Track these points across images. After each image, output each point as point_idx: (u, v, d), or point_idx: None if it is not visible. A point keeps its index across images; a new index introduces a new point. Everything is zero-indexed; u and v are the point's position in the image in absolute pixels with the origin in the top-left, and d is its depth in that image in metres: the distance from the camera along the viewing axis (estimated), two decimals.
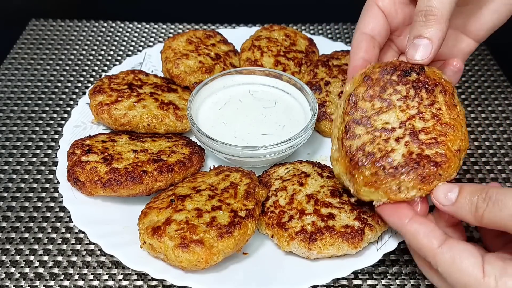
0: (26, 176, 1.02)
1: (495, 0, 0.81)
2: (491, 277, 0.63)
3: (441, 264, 0.66)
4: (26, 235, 0.91)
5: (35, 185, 1.01)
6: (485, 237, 0.77)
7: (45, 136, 1.12)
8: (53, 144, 1.10)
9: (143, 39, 1.46)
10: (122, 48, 1.42)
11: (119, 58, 1.38)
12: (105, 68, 1.34)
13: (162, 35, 1.48)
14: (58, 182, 0.92)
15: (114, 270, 0.85)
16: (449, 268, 0.66)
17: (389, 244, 0.83)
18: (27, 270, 0.85)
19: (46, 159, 1.06)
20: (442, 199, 0.70)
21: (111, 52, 1.40)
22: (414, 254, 0.76)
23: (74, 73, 1.32)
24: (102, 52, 1.40)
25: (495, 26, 0.84)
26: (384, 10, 0.86)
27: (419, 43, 0.75)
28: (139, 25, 1.51)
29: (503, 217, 0.63)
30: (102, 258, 0.87)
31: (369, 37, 0.85)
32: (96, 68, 1.34)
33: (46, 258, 0.87)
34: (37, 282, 0.83)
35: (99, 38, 1.45)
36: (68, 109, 1.20)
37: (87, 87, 1.27)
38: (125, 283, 0.83)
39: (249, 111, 1.04)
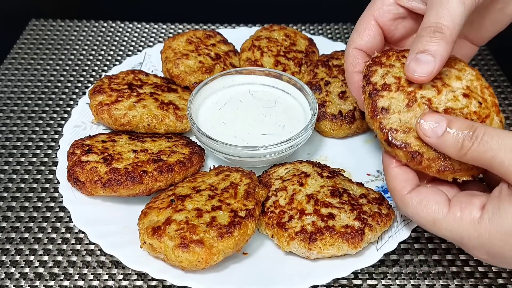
0: (26, 176, 1.02)
1: (497, 11, 0.82)
2: (456, 208, 0.67)
3: (409, 207, 0.71)
4: (26, 235, 0.91)
5: (35, 185, 1.01)
6: None
7: (45, 136, 1.12)
8: (53, 144, 1.10)
9: (143, 39, 1.46)
10: (122, 48, 1.42)
11: (119, 58, 1.38)
12: (105, 68, 1.34)
13: (162, 35, 1.48)
14: (58, 182, 0.92)
15: (114, 270, 0.85)
16: (417, 209, 0.70)
17: (389, 244, 0.83)
18: (27, 270, 0.85)
19: (46, 159, 1.06)
20: (428, 131, 0.69)
21: (111, 52, 1.40)
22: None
23: (74, 73, 1.32)
24: (102, 52, 1.40)
25: (495, 33, 0.86)
26: (380, 24, 0.85)
27: (422, 58, 0.72)
28: (139, 25, 1.51)
29: (486, 158, 0.65)
30: (102, 258, 0.87)
31: (363, 54, 0.85)
32: (96, 68, 1.34)
33: (46, 258, 0.87)
34: (37, 282, 0.83)
35: (99, 38, 1.45)
36: (68, 109, 1.20)
37: (87, 87, 1.27)
38: (125, 283, 0.83)
39: (249, 111, 1.04)
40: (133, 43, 1.44)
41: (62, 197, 0.92)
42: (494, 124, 0.75)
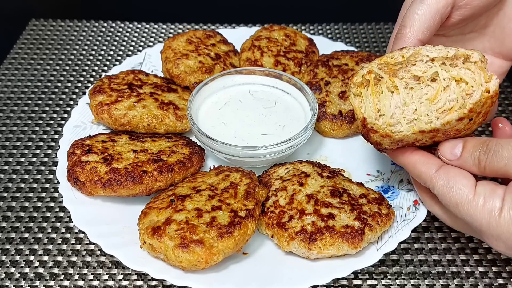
0: (26, 176, 1.02)
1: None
2: (480, 196, 0.69)
3: (437, 186, 0.73)
4: (26, 235, 0.91)
5: (35, 185, 1.01)
6: None
7: (45, 136, 1.12)
8: (53, 144, 1.10)
9: (143, 39, 1.46)
10: (122, 48, 1.42)
11: (119, 58, 1.38)
12: (105, 68, 1.34)
13: (162, 35, 1.48)
14: (58, 182, 0.92)
15: (114, 270, 0.85)
16: (443, 189, 0.72)
17: (389, 244, 0.83)
18: (27, 270, 0.85)
19: (46, 159, 1.06)
20: (448, 154, 0.74)
21: (111, 52, 1.40)
22: (418, 187, 0.85)
23: (74, 73, 1.32)
24: (102, 52, 1.40)
25: None
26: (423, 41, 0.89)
27: None
28: (139, 25, 1.51)
29: (501, 167, 0.69)
30: (102, 258, 0.87)
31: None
32: (96, 68, 1.34)
33: (46, 258, 0.87)
34: (37, 282, 0.83)
35: (99, 38, 1.45)
36: (68, 109, 1.20)
37: (87, 87, 1.27)
38: (125, 283, 0.83)
39: (249, 111, 1.04)
40: (133, 43, 1.44)
41: (62, 197, 0.92)
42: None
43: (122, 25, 1.50)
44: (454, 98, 0.70)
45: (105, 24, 1.51)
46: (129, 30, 1.49)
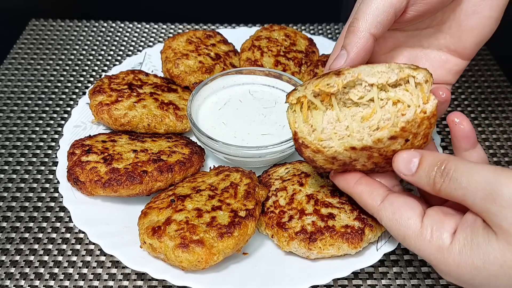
0: (26, 176, 1.02)
1: (473, 16, 0.79)
2: (427, 229, 0.65)
3: (383, 218, 0.70)
4: (26, 235, 0.91)
5: (35, 185, 1.01)
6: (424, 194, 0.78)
7: (45, 136, 1.12)
8: (53, 144, 1.10)
9: (143, 39, 1.46)
10: (122, 48, 1.42)
11: (119, 58, 1.38)
12: (105, 68, 1.34)
13: (162, 35, 1.48)
14: (58, 182, 0.92)
15: (114, 270, 0.85)
16: (389, 222, 0.69)
17: (389, 244, 0.83)
18: (27, 270, 0.85)
19: (46, 159, 1.06)
20: (402, 168, 0.70)
21: (111, 52, 1.40)
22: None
23: (74, 73, 1.32)
24: (102, 52, 1.40)
25: (479, 42, 0.82)
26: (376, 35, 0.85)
27: (339, 53, 0.77)
28: (139, 25, 1.51)
29: (458, 195, 0.63)
30: (102, 258, 0.87)
31: None
32: (96, 68, 1.34)
33: (46, 258, 0.87)
34: (37, 282, 0.83)
35: (99, 38, 1.45)
36: (68, 109, 1.20)
37: (87, 87, 1.27)
38: (125, 283, 0.83)
39: (249, 111, 1.05)
40: (133, 43, 1.44)
41: (62, 197, 0.92)
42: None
43: (122, 25, 1.50)
44: (389, 117, 0.68)
45: (105, 24, 1.51)
46: (129, 30, 1.49)
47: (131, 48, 1.42)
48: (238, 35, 1.30)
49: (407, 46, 0.87)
